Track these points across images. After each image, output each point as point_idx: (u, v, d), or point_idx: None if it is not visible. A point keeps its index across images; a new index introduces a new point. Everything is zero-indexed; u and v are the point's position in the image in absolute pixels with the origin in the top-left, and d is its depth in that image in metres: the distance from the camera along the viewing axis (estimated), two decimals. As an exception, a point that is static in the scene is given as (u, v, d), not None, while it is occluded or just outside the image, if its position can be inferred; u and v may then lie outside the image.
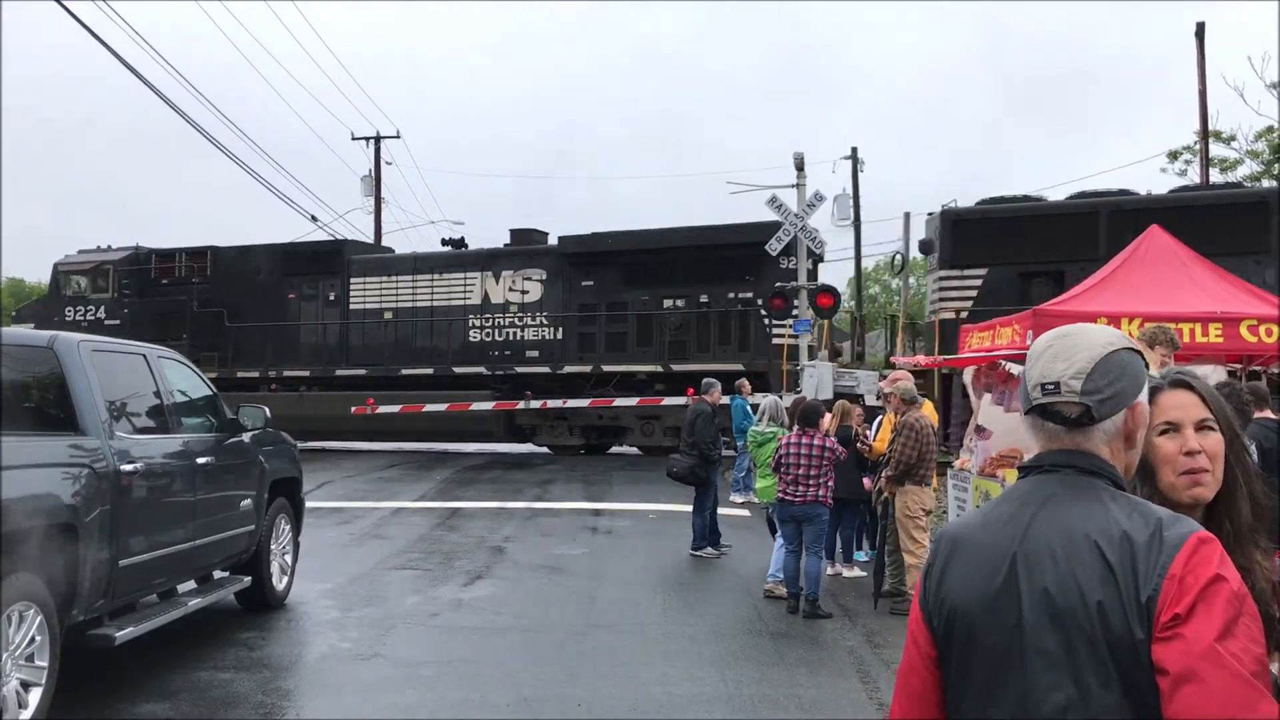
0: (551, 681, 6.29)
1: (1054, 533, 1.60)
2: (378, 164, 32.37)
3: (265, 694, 5.99)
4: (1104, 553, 1.54)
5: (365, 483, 16.99)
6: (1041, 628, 1.55)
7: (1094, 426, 1.68)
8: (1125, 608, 1.49)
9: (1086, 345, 1.72)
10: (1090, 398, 1.68)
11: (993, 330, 10.30)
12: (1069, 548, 1.57)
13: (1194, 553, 1.50)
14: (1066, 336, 1.76)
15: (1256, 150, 25.81)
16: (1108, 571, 1.52)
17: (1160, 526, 1.54)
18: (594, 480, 17.11)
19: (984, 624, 1.63)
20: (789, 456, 8.27)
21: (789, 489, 8.26)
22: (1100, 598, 1.51)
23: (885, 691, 6.18)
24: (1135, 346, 1.75)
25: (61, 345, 5.74)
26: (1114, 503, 1.61)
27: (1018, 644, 1.58)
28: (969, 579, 1.68)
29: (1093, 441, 1.69)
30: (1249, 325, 8.47)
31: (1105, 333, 1.76)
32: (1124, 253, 10.10)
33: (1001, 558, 1.64)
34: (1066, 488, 1.66)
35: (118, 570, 5.65)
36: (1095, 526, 1.57)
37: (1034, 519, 1.65)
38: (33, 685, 4.99)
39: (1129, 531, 1.54)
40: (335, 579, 9.18)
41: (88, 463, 5.44)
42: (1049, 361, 1.73)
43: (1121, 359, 1.71)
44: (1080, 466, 1.67)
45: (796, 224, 16.66)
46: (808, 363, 16.46)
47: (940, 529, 1.92)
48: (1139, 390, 1.72)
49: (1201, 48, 22.91)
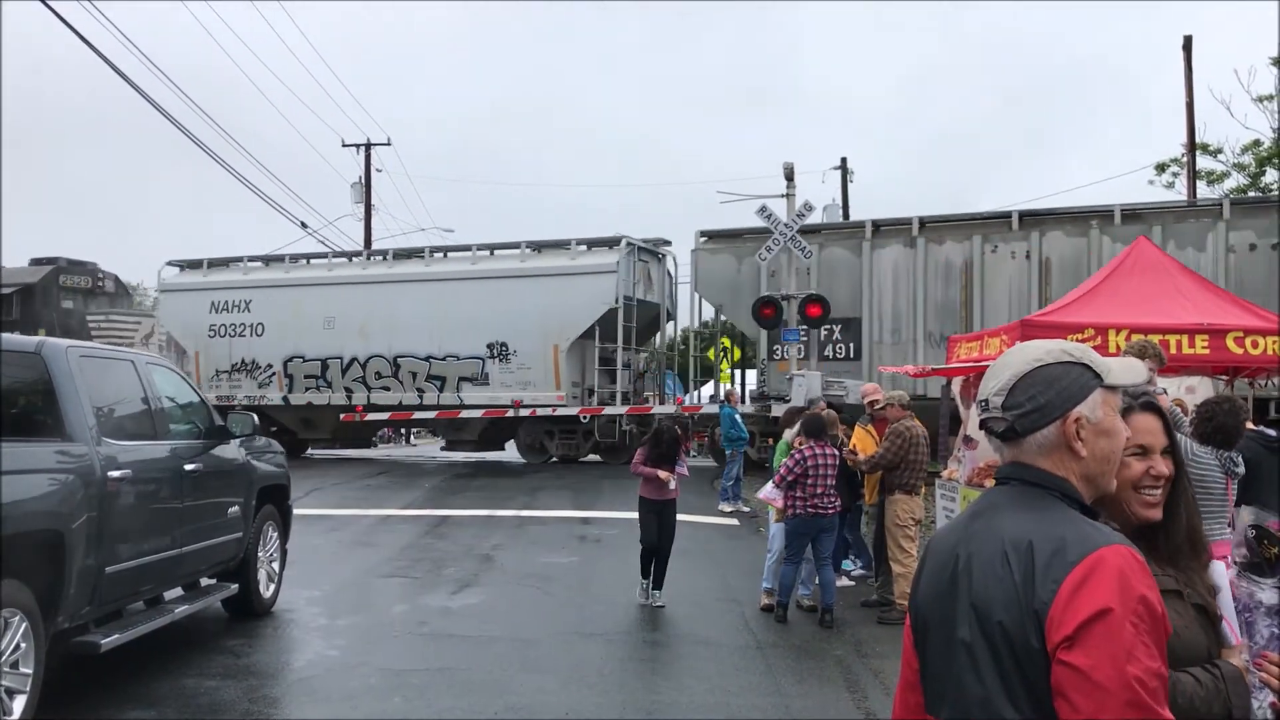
0: (539, 690, 6.28)
1: (984, 541, 1.68)
2: (368, 171, 32.36)
3: (252, 702, 5.97)
4: (1010, 561, 1.60)
5: (354, 490, 16.94)
6: (965, 630, 1.64)
7: (1024, 440, 1.75)
8: (1023, 615, 1.56)
9: (1014, 362, 1.79)
10: (1011, 413, 1.75)
11: (981, 340, 10.34)
12: (989, 555, 1.65)
13: (1089, 576, 1.53)
14: (1005, 355, 1.84)
15: (1243, 163, 25.97)
16: (1010, 579, 1.59)
17: (1065, 543, 1.58)
18: (583, 488, 17.08)
19: (934, 626, 1.74)
20: (819, 469, 8.16)
21: (818, 501, 8.15)
22: (1002, 604, 1.59)
23: (873, 700, 6.19)
24: (1078, 359, 1.77)
25: (49, 351, 5.72)
26: (1042, 513, 1.66)
27: (951, 641, 1.67)
28: (927, 583, 1.80)
29: (1028, 454, 1.75)
30: (1235, 337, 8.52)
31: (1038, 348, 1.80)
32: (1112, 263, 10.16)
33: (947, 563, 1.74)
34: (1010, 498, 1.73)
35: (104, 577, 5.62)
36: (1010, 536, 1.64)
37: (975, 528, 1.74)
38: (17, 692, 4.97)
39: (1035, 542, 1.60)
40: (323, 586, 9.15)
41: (74, 469, 5.42)
42: (985, 379, 1.82)
43: (1049, 373, 1.75)
44: (1025, 479, 1.74)
45: (786, 234, 16.69)
46: (796, 371, 16.48)
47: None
48: (1071, 402, 1.73)
49: (1189, 61, 23.07)
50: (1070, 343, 1.84)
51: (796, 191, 17.38)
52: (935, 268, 17.90)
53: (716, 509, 14.38)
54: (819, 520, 8.18)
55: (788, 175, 17.38)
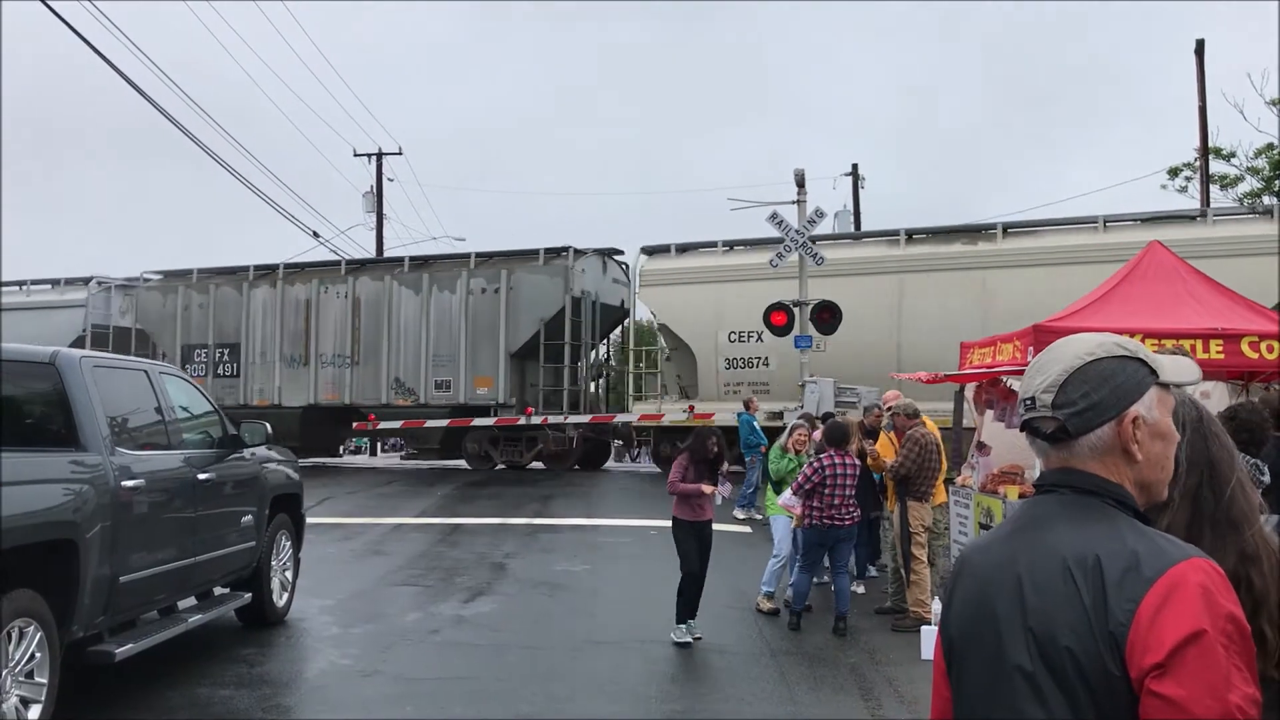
0: (552, 699, 6.27)
1: (1036, 556, 1.53)
2: (379, 180, 32.49)
3: (265, 711, 5.97)
4: (1075, 579, 1.46)
5: (366, 498, 16.97)
6: (1023, 658, 1.49)
7: (1076, 442, 1.59)
8: (1097, 640, 1.42)
9: (1064, 356, 1.63)
10: (1062, 411, 1.59)
11: (994, 346, 10.30)
12: (1046, 573, 1.50)
13: (1171, 594, 1.39)
14: (1051, 349, 1.67)
15: (1257, 167, 25.83)
16: (1077, 600, 1.44)
17: (1138, 558, 1.44)
18: (594, 496, 17.08)
19: (974, 646, 1.59)
20: (837, 478, 8.07)
21: (835, 512, 8.08)
22: (1069, 627, 1.44)
23: (887, 708, 6.16)
24: (1132, 353, 1.61)
25: (63, 361, 5.74)
26: (1104, 525, 1.51)
27: (1001, 669, 1.52)
28: (965, 600, 1.64)
29: (1079, 458, 1.59)
30: (1250, 341, 8.45)
31: (1090, 341, 1.64)
32: (1124, 268, 10.09)
33: (989, 580, 1.59)
34: (1060, 509, 1.57)
35: (118, 586, 5.64)
36: (1073, 551, 1.49)
37: (1022, 542, 1.58)
38: (32, 702, 4.98)
39: (1102, 558, 1.45)
40: (336, 595, 9.16)
41: (89, 479, 5.43)
42: (1030, 376, 1.66)
43: (1104, 368, 1.59)
44: (1076, 486, 1.58)
45: (798, 240, 16.68)
46: (809, 378, 16.45)
47: (960, 547, 1.90)
48: (1127, 400, 1.58)
49: (1201, 65, 22.98)
50: (1121, 336, 1.67)
51: (807, 198, 17.37)
52: (289, 304, 22.82)
53: (731, 515, 14.34)
54: (835, 531, 8.13)
55: (798, 181, 17.36)
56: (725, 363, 19.83)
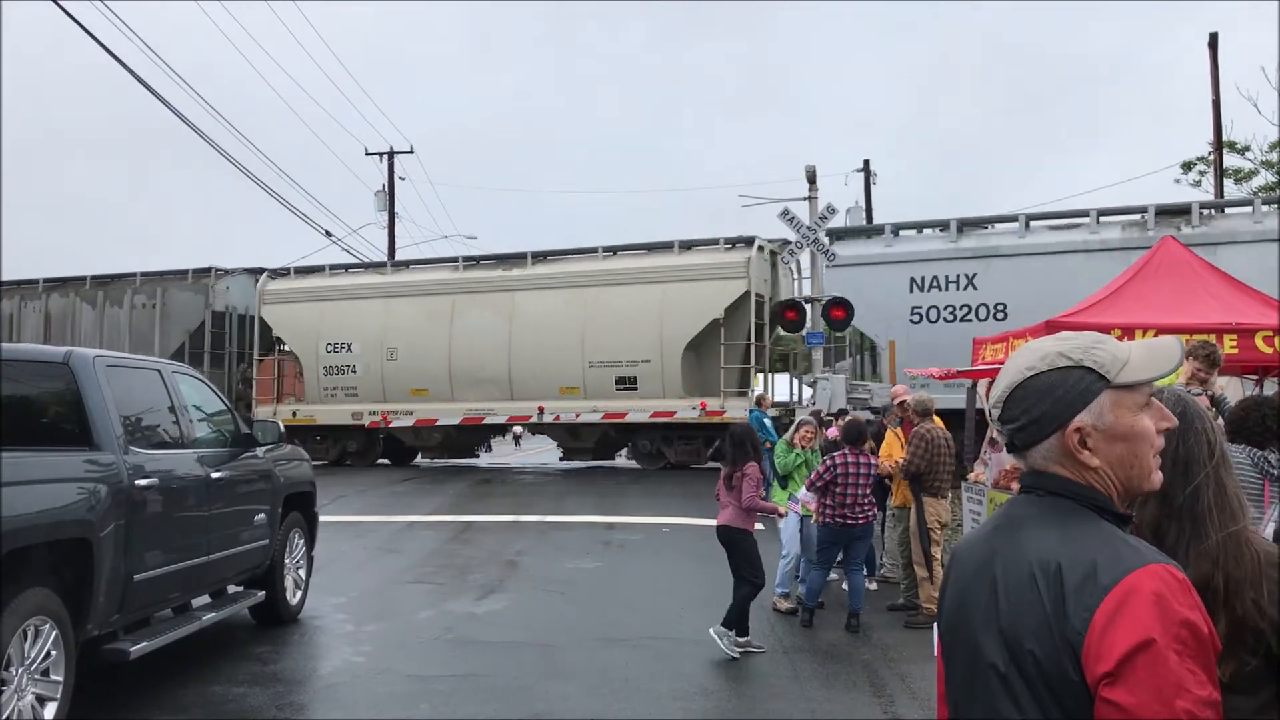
0: (564, 697, 6.28)
1: (1009, 559, 1.57)
2: (391, 179, 32.52)
3: (279, 708, 6.00)
4: (1039, 585, 1.49)
5: (379, 497, 17.01)
6: (994, 654, 1.53)
7: (1029, 451, 1.64)
8: (1057, 646, 1.45)
9: (1010, 369, 1.66)
10: (1008, 426, 1.64)
11: (1006, 342, 10.27)
12: (1015, 576, 1.53)
13: (1124, 602, 1.41)
14: (1011, 357, 1.69)
15: (1271, 160, 25.67)
16: (1040, 606, 1.48)
17: (1095, 566, 1.46)
18: (607, 493, 17.09)
19: (958, 643, 1.63)
20: (849, 477, 8.04)
21: (847, 511, 8.06)
22: (1033, 632, 1.48)
23: (900, 705, 6.15)
24: (1077, 362, 1.60)
25: (77, 361, 5.77)
26: (1070, 529, 1.53)
27: (978, 667, 1.56)
28: (951, 599, 1.69)
29: (1041, 463, 1.63)
30: (1264, 336, 8.40)
31: (1035, 352, 1.65)
32: (1137, 263, 10.04)
33: (971, 580, 1.63)
34: (1035, 510, 1.61)
35: (132, 585, 5.67)
36: (1038, 557, 1.52)
37: (1000, 542, 1.62)
38: (48, 699, 5.01)
39: (1063, 565, 1.48)
40: (349, 593, 9.19)
41: (102, 478, 5.46)
42: (995, 383, 1.70)
43: (1043, 383, 1.61)
44: (1048, 488, 1.61)
45: (809, 237, 16.66)
46: (820, 374, 16.42)
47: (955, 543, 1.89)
48: (1069, 412, 1.59)
49: (1215, 58, 22.85)
50: (1078, 337, 1.66)
51: (818, 194, 17.36)
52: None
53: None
54: (848, 530, 8.11)
55: (810, 178, 17.35)
56: (324, 369, 22.49)
